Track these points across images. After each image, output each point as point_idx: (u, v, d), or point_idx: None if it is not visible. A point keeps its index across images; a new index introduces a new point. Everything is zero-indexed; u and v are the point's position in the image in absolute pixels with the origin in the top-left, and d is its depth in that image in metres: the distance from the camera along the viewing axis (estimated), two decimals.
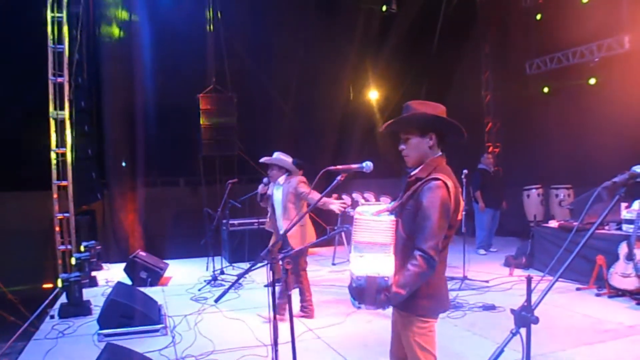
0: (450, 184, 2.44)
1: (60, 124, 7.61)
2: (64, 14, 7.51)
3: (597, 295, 6.10)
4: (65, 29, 7.55)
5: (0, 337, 5.46)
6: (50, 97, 7.53)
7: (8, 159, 8.09)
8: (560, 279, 1.89)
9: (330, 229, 9.15)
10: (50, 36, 7.46)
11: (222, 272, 7.82)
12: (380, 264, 2.34)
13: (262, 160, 5.61)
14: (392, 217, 2.45)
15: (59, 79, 7.54)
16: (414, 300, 2.48)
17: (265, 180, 5.74)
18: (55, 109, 7.55)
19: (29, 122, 8.14)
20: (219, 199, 8.01)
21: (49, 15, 7.44)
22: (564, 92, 9.89)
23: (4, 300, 6.00)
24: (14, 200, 8.83)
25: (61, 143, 7.60)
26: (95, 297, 6.50)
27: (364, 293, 2.37)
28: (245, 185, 8.48)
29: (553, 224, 7.67)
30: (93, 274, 7.56)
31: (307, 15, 10.06)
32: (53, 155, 7.57)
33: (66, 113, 7.61)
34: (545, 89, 10.22)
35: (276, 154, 5.56)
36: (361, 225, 2.44)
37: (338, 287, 7.11)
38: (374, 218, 2.45)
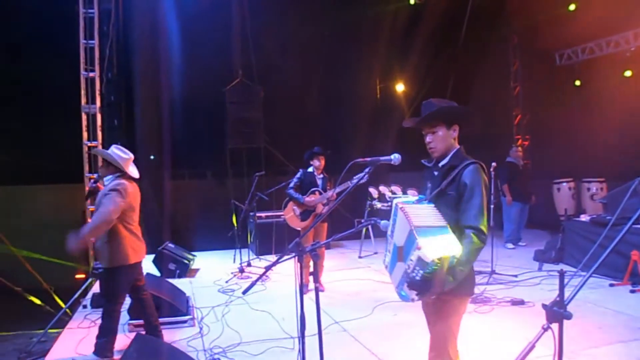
0: (484, 167, 2.66)
1: (92, 118, 7.75)
2: (95, 10, 7.63)
3: (632, 291, 5.93)
4: (96, 24, 7.67)
5: (36, 324, 5.65)
6: (82, 91, 7.68)
7: (42, 153, 8.31)
8: (592, 275, 1.85)
9: (358, 221, 9.11)
10: (81, 32, 7.59)
11: (249, 264, 7.89)
12: (449, 243, 2.37)
13: (93, 151, 4.44)
14: (432, 205, 2.58)
15: (91, 74, 7.68)
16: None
17: (97, 175, 4.54)
18: (87, 103, 7.69)
19: (62, 117, 8.34)
20: (246, 191, 8.07)
21: (81, 11, 7.57)
22: (597, 83, 9.63)
23: (40, 290, 6.17)
24: (48, 193, 9.08)
25: (92, 136, 7.75)
26: None
27: (435, 279, 2.33)
28: (272, 178, 8.52)
29: (585, 218, 7.50)
30: None
31: (333, 8, 10.02)
32: (85, 149, 7.72)
33: (97, 107, 7.74)
34: (578, 82, 9.96)
35: (112, 148, 4.42)
36: (411, 212, 2.46)
37: (364, 280, 7.10)
38: (418, 205, 2.57)
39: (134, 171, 4.50)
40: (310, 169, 6.61)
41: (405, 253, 2.44)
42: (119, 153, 4.37)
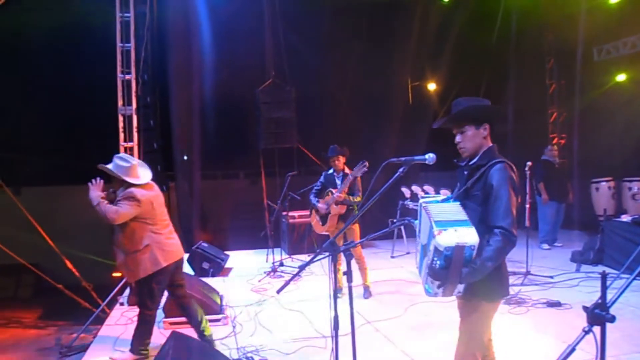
0: (512, 165, 2.63)
1: (128, 119, 7.90)
2: (131, 14, 7.77)
3: None
4: (132, 27, 7.81)
5: (76, 320, 5.82)
6: (119, 93, 7.82)
7: (79, 154, 8.53)
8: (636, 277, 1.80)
9: (390, 221, 9.05)
10: (118, 35, 7.74)
11: (281, 264, 7.93)
12: (465, 233, 2.36)
13: (99, 167, 4.46)
14: (457, 203, 2.59)
15: (127, 76, 7.82)
16: (485, 285, 2.57)
17: (112, 190, 4.54)
18: (123, 105, 7.85)
19: (99, 118, 8.55)
20: (279, 191, 8.11)
21: (117, 15, 7.73)
22: (638, 78, 9.31)
23: (79, 288, 6.35)
24: (85, 193, 9.31)
25: (129, 137, 7.90)
26: None
27: (451, 267, 2.34)
28: (304, 178, 8.54)
29: (626, 218, 7.27)
30: None
31: (365, 6, 9.98)
32: (121, 150, 7.87)
33: (133, 109, 7.90)
34: (620, 77, 9.63)
35: (114, 159, 4.40)
36: (432, 209, 2.51)
37: (397, 281, 7.06)
38: (442, 203, 2.59)
39: (142, 176, 4.40)
40: (330, 171, 6.48)
41: (427, 248, 2.50)
42: (119, 163, 4.31)
